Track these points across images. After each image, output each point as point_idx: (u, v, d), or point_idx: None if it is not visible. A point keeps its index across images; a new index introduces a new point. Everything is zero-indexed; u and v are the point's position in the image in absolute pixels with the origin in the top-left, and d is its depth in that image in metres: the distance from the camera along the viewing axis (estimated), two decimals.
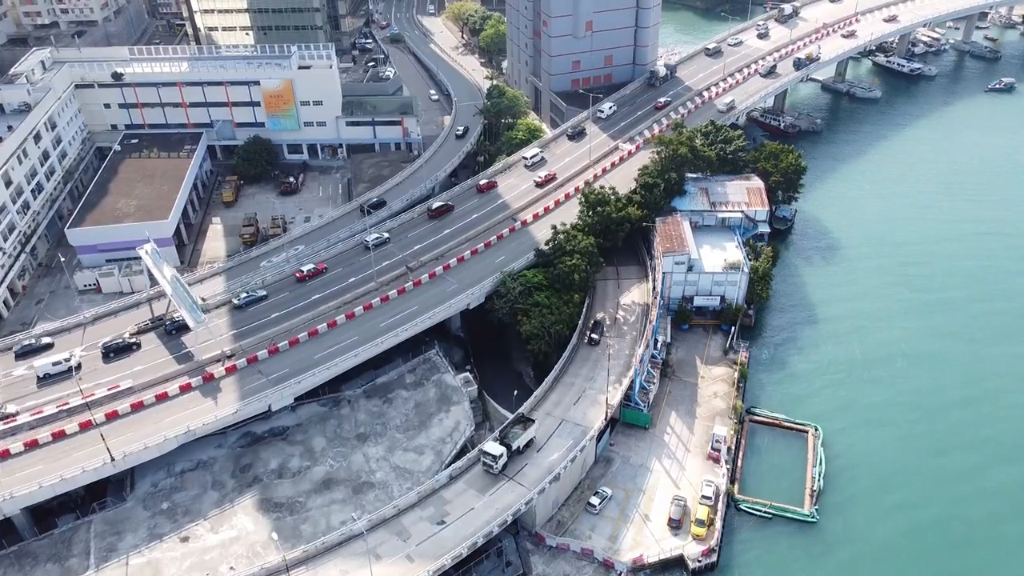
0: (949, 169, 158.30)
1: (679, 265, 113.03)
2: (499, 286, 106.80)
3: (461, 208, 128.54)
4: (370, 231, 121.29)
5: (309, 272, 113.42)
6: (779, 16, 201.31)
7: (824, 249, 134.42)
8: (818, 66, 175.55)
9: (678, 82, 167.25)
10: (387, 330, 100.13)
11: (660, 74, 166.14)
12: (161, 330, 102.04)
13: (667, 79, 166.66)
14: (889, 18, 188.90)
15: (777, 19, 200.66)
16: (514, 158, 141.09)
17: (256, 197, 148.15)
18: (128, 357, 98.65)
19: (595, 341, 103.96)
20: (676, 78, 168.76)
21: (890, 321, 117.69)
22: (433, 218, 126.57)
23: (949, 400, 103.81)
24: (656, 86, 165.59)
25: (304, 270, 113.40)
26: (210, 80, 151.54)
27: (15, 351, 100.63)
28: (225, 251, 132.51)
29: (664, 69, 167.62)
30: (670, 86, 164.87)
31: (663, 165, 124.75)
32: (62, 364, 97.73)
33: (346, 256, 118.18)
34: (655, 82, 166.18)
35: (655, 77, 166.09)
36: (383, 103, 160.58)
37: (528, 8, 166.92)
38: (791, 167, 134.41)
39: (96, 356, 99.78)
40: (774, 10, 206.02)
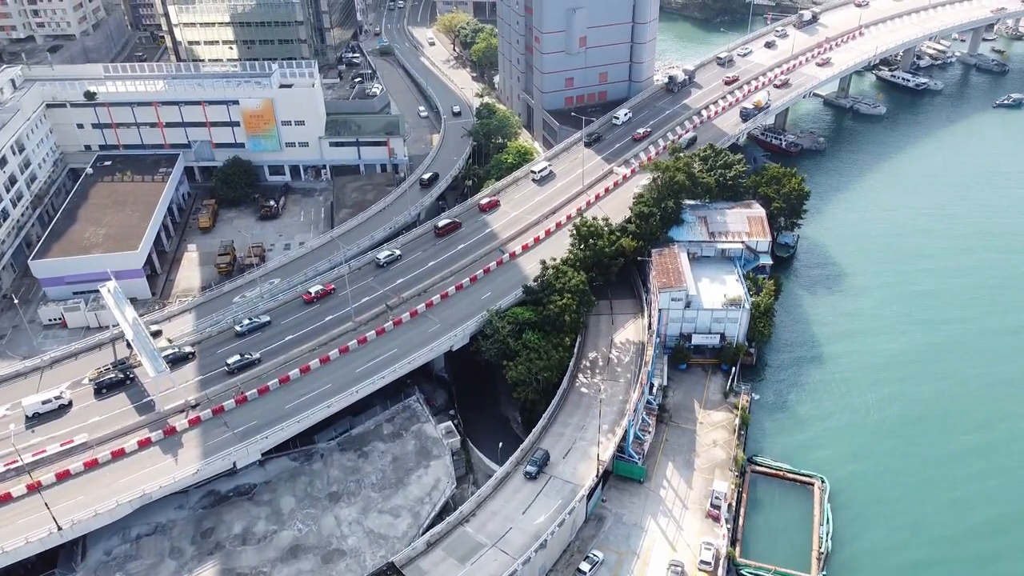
0: (957, 189, 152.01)
1: (676, 301, 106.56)
2: (485, 326, 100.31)
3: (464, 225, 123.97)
4: (382, 248, 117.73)
5: (317, 293, 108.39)
6: (798, 22, 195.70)
7: (828, 278, 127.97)
8: (821, 84, 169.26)
9: (697, 87, 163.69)
10: (363, 376, 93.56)
11: (678, 79, 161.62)
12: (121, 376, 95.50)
13: (685, 85, 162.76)
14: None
15: (796, 25, 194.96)
16: (521, 172, 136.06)
17: (235, 222, 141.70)
18: (121, 393, 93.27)
19: (532, 476, 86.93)
20: (695, 83, 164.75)
21: (899, 357, 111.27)
22: (440, 236, 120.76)
23: (964, 446, 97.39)
24: (674, 92, 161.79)
25: (312, 291, 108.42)
26: (187, 99, 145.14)
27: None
28: (200, 282, 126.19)
29: (682, 75, 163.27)
30: (684, 94, 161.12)
31: (659, 192, 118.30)
32: (52, 402, 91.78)
33: (355, 276, 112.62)
34: (673, 88, 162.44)
35: (673, 83, 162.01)
36: (368, 122, 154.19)
37: (520, 23, 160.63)
38: (794, 192, 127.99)
39: (88, 392, 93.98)
40: (791, 17, 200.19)
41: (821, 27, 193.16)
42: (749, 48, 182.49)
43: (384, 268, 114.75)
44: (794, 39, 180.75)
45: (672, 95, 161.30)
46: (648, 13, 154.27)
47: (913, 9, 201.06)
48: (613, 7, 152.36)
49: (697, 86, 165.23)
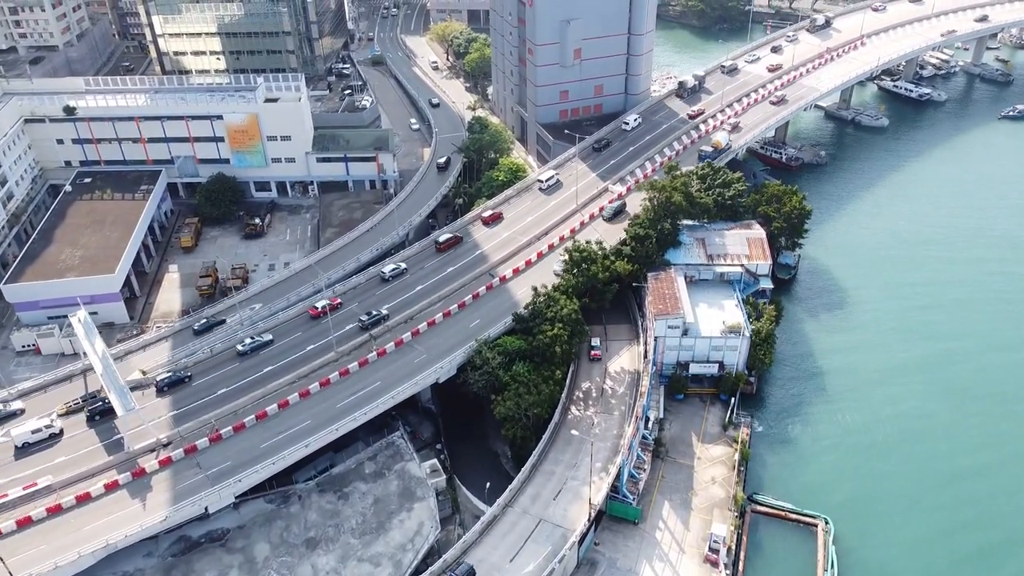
0: (962, 205, 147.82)
1: (673, 329, 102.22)
2: (473, 356, 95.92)
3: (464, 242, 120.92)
4: (387, 261, 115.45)
5: (324, 308, 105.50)
6: (811, 27, 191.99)
7: (831, 300, 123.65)
8: (819, 98, 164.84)
9: (707, 93, 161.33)
10: (344, 412, 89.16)
11: (688, 85, 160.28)
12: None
13: (695, 90, 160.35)
14: (879, 67, 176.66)
15: (808, 29, 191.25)
16: (528, 180, 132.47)
17: (218, 241, 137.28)
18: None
19: None
20: (706, 88, 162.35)
21: (907, 386, 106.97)
22: (441, 251, 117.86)
23: (979, 486, 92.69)
24: (683, 97, 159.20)
25: (318, 306, 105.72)
26: (169, 114, 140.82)
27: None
28: (180, 305, 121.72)
29: (693, 80, 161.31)
30: (696, 98, 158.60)
31: (655, 213, 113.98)
32: (42, 431, 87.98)
33: (359, 291, 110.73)
34: (683, 93, 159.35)
35: (683, 88, 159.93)
36: (357, 137, 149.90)
37: (512, 34, 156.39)
38: (795, 211, 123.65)
39: (80, 420, 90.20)
40: (803, 21, 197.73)
41: (835, 32, 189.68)
42: (756, 55, 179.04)
43: (388, 282, 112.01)
44: (793, 51, 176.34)
45: (682, 99, 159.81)
46: (644, 24, 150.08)
47: (930, 15, 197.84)
48: (608, 19, 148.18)
49: (707, 91, 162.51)
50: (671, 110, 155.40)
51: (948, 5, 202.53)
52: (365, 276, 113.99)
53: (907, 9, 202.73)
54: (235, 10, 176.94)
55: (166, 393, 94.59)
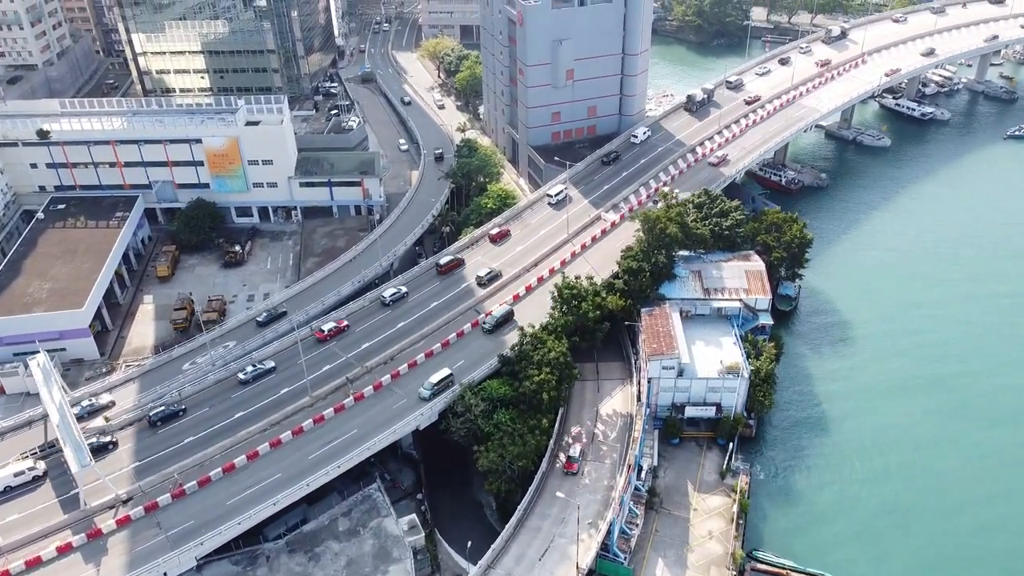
0: (968, 228, 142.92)
1: (668, 370, 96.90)
2: (456, 401, 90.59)
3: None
4: (387, 285, 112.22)
5: (330, 331, 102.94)
6: (826, 38, 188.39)
7: (834, 334, 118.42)
8: (819, 119, 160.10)
9: (716, 107, 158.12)
10: (317, 464, 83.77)
11: (697, 99, 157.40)
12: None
13: (703, 104, 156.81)
14: (891, 72, 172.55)
15: (824, 40, 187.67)
16: (536, 195, 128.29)
17: (196, 270, 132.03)
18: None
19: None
20: (714, 102, 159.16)
21: (917, 427, 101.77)
22: (443, 274, 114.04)
23: (998, 542, 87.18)
24: (693, 111, 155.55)
25: (324, 329, 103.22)
26: (146, 138, 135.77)
27: None
28: (154, 339, 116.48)
29: (701, 93, 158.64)
30: (704, 112, 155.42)
31: (649, 244, 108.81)
32: (25, 473, 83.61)
33: (361, 314, 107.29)
34: (691, 107, 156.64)
35: (692, 102, 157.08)
36: (342, 160, 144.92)
37: (503, 53, 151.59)
38: (795, 240, 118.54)
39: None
40: (818, 32, 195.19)
41: (851, 43, 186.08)
42: (767, 67, 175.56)
43: (390, 306, 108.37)
44: (794, 68, 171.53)
45: (691, 113, 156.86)
46: (639, 44, 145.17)
47: (953, 26, 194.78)
48: (602, 38, 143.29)
49: (717, 105, 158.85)
50: (666, 132, 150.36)
51: (968, 17, 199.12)
52: (367, 299, 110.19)
53: (927, 21, 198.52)
54: (219, 28, 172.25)
55: (159, 428, 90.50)
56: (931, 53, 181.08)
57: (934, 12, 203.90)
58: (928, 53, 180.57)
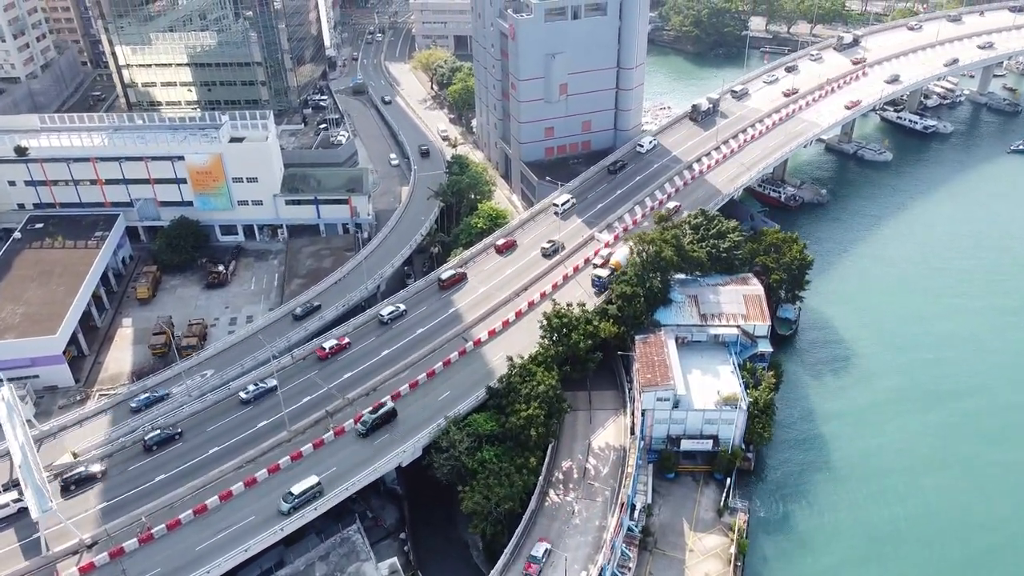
0: (972, 246, 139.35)
1: (663, 401, 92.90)
2: (440, 436, 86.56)
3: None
4: (385, 303, 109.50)
5: (331, 349, 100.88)
6: (837, 45, 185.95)
7: (836, 359, 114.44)
8: (819, 134, 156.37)
9: (722, 116, 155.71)
10: None
11: (703, 108, 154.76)
12: None
13: (709, 113, 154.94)
14: (892, 78, 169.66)
15: (836, 48, 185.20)
16: (541, 206, 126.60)
17: (178, 291, 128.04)
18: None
19: None
20: (720, 112, 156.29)
21: (923, 456, 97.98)
22: (445, 289, 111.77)
23: None
24: (698, 120, 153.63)
25: (326, 347, 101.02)
26: (127, 155, 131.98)
27: None
28: (131, 365, 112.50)
29: (707, 103, 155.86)
30: (710, 122, 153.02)
31: (644, 267, 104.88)
32: (10, 506, 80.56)
33: (361, 333, 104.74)
34: (696, 117, 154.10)
35: (697, 111, 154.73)
36: (329, 177, 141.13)
37: (496, 67, 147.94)
38: (795, 261, 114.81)
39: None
40: (830, 39, 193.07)
41: (863, 50, 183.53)
42: (775, 75, 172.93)
43: (388, 325, 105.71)
44: (793, 80, 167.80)
45: (697, 123, 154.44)
46: (634, 58, 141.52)
47: (973, 33, 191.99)
48: (596, 52, 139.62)
49: (723, 115, 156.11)
50: (662, 147, 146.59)
51: (986, 25, 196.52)
52: (365, 317, 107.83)
53: (945, 29, 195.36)
54: (206, 39, 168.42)
55: (154, 453, 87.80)
56: (954, 63, 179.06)
57: (950, 20, 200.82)
58: (951, 63, 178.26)
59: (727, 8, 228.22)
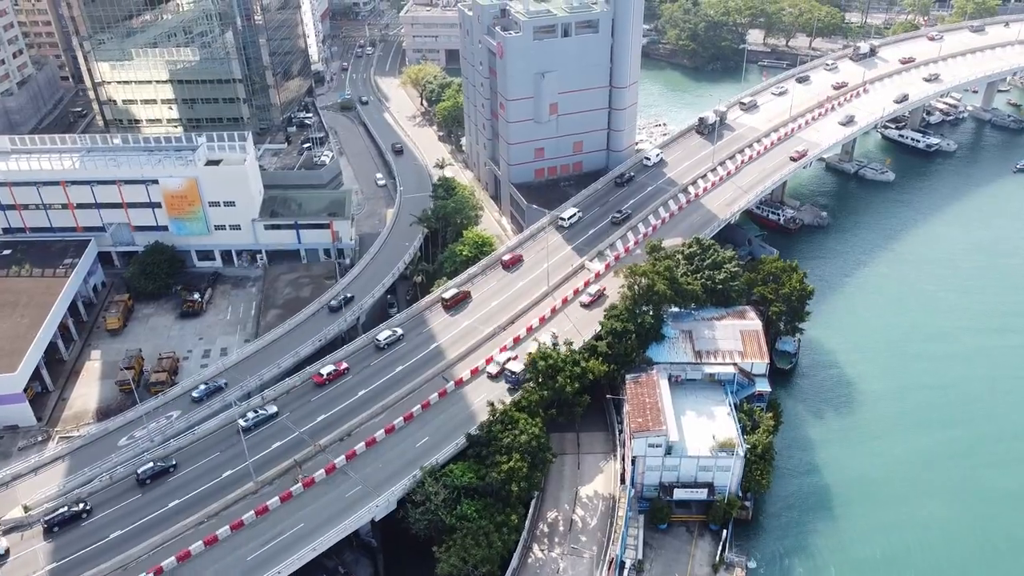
0: (979, 271, 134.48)
1: (654, 448, 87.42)
2: (416, 488, 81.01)
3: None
4: (381, 327, 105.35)
5: (329, 375, 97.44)
6: (854, 55, 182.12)
7: (837, 395, 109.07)
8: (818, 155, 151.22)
9: (729, 130, 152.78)
10: (257, 567, 74.10)
11: (709, 121, 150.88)
12: None
13: (716, 126, 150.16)
14: (901, 98, 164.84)
15: (852, 58, 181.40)
16: (546, 220, 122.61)
17: (151, 321, 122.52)
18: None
19: None
20: (727, 124, 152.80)
21: (926, 500, 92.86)
22: (449, 308, 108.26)
23: None
24: (704, 134, 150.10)
25: (323, 373, 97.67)
26: (99, 178, 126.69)
27: None
28: (98, 402, 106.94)
29: (714, 116, 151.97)
30: (718, 135, 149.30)
31: (635, 301, 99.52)
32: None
33: (357, 358, 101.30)
34: (703, 130, 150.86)
35: (704, 124, 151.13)
36: (310, 200, 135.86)
37: (484, 85, 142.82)
38: (795, 292, 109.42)
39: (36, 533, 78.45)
40: (846, 49, 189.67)
41: (881, 60, 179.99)
42: (784, 87, 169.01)
43: (385, 351, 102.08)
44: (792, 97, 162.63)
45: (703, 136, 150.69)
46: (627, 76, 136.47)
47: (997, 44, 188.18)
48: (587, 71, 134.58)
49: (731, 128, 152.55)
50: (657, 170, 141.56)
51: (1008, 37, 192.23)
52: (362, 341, 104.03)
53: (967, 40, 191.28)
54: (187, 55, 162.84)
55: (147, 487, 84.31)
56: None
57: (973, 31, 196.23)
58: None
59: (724, 21, 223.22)
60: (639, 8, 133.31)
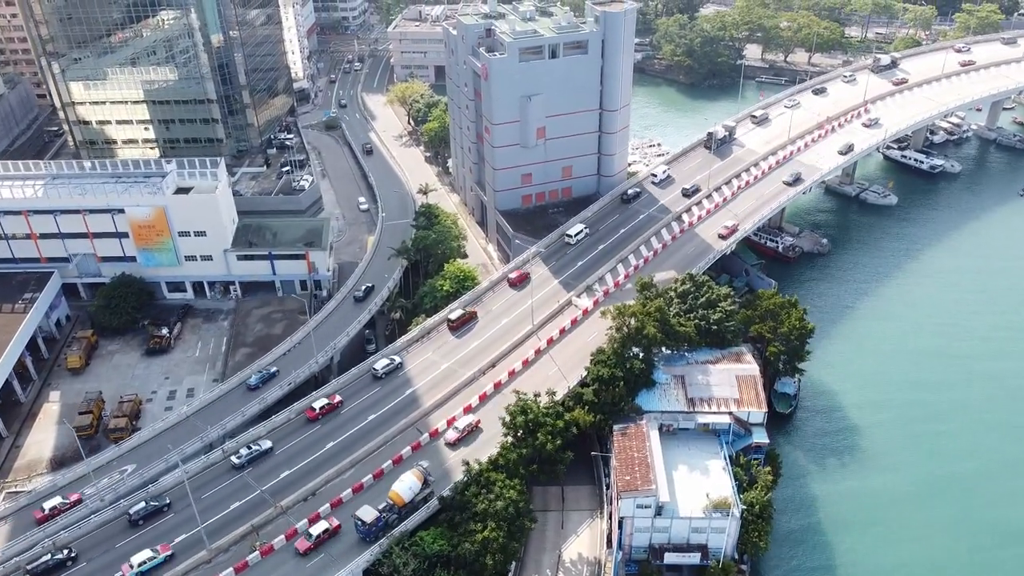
0: (987, 302, 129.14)
1: (644, 508, 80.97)
2: (383, 558, 74.48)
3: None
4: (379, 356, 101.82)
5: (322, 409, 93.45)
6: (874, 67, 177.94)
7: (839, 442, 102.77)
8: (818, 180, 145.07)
9: (739, 146, 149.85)
10: None
11: (718, 136, 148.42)
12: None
13: (725, 141, 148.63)
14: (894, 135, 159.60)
15: (872, 70, 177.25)
16: (554, 235, 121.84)
17: (115, 358, 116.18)
18: None
19: None
20: (736, 140, 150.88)
21: (933, 554, 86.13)
22: (455, 330, 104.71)
23: None
24: (711, 149, 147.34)
25: (316, 407, 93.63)
26: (62, 208, 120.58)
27: None
28: (53, 449, 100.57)
29: (723, 131, 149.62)
30: (727, 151, 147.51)
31: (623, 344, 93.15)
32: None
33: (353, 388, 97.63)
34: (712, 145, 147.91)
35: (712, 139, 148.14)
36: (286, 229, 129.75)
37: (469, 108, 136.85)
38: (795, 331, 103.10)
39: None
40: (866, 60, 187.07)
41: (902, 72, 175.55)
42: (796, 100, 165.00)
43: (383, 379, 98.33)
44: (792, 117, 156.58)
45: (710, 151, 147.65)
46: (618, 100, 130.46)
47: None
48: (576, 94, 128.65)
49: (739, 144, 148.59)
50: (650, 195, 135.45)
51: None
52: (358, 371, 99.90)
53: (996, 53, 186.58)
54: (164, 74, 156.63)
55: (140, 527, 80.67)
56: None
57: (1004, 43, 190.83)
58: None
59: (721, 36, 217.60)
60: (630, 28, 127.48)
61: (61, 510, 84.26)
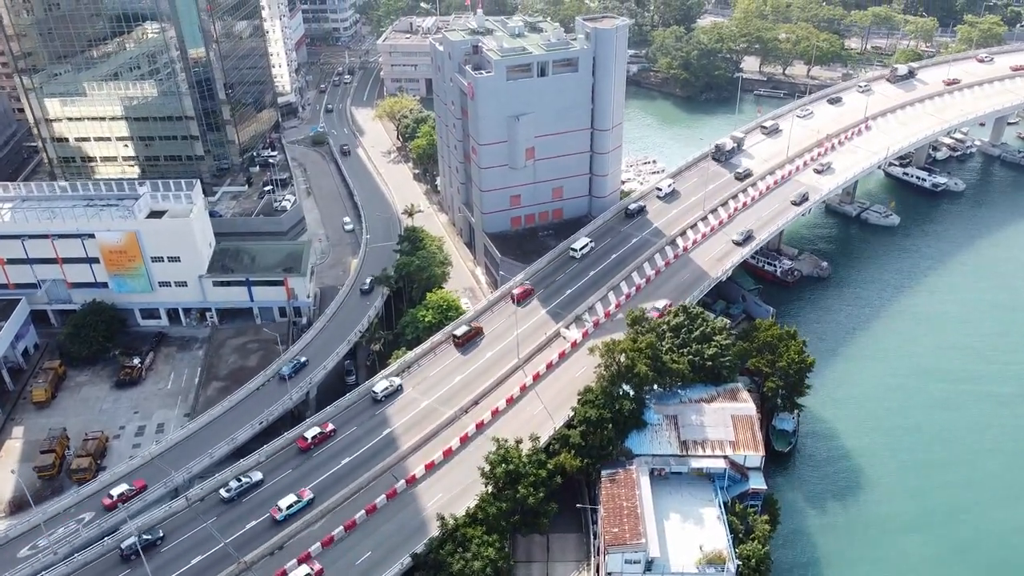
0: (995, 331, 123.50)
1: (632, 564, 75.89)
2: None
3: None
4: (381, 379, 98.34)
5: (314, 438, 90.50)
6: (891, 76, 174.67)
7: (841, 483, 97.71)
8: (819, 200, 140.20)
9: (748, 156, 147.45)
10: None
11: (726, 148, 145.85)
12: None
13: (734, 153, 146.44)
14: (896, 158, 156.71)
15: (889, 79, 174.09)
16: (559, 248, 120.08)
17: (83, 391, 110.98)
18: None
19: None
20: (745, 151, 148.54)
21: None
22: (460, 346, 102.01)
23: None
24: (721, 161, 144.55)
25: (308, 436, 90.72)
26: (30, 233, 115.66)
27: None
28: (12, 491, 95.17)
29: (731, 142, 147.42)
30: (736, 162, 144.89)
31: (612, 381, 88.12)
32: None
33: (350, 413, 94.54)
34: (719, 156, 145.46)
35: (720, 151, 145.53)
36: (264, 254, 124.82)
37: (456, 126, 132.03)
38: (793, 364, 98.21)
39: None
40: (883, 70, 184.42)
41: (920, 83, 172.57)
42: (810, 110, 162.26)
43: (382, 402, 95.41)
44: (789, 136, 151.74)
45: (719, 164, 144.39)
46: (610, 119, 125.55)
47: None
48: (567, 113, 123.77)
49: (748, 155, 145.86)
50: (646, 219, 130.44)
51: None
52: (357, 395, 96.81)
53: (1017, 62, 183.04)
54: (142, 89, 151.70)
55: (132, 563, 77.55)
56: None
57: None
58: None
59: (718, 49, 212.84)
60: (622, 45, 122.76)
61: None
